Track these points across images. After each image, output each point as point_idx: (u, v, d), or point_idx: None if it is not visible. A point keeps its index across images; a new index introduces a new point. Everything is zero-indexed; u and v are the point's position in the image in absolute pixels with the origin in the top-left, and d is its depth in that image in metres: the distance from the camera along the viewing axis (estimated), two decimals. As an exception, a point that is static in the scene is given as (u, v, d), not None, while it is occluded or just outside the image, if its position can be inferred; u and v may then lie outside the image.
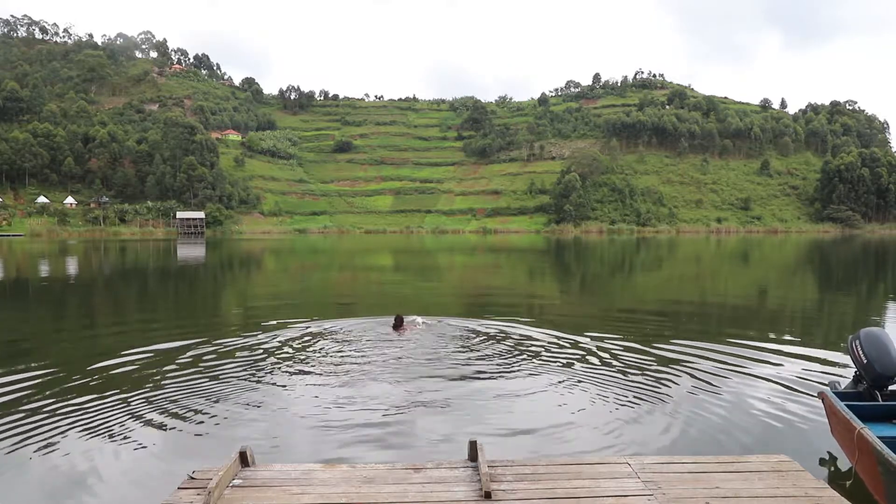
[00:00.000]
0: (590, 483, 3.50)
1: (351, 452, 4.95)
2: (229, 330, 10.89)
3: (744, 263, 34.17)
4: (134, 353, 8.81)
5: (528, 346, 9.06)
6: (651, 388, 6.85)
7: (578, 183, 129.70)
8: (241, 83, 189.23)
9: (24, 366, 8.12)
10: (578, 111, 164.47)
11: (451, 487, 3.44)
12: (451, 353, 8.56)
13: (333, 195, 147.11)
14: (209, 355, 8.67)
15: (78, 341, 9.65)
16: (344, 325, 10.84)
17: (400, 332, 10.02)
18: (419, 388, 6.76)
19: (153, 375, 7.54)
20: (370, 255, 43.65)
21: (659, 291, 19.34)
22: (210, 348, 9.19)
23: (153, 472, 4.66)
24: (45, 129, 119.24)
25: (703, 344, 9.22)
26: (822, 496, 3.34)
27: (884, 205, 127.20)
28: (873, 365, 4.63)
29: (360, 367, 7.81)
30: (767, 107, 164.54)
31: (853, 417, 4.15)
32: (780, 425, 5.71)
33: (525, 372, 7.50)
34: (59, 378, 7.54)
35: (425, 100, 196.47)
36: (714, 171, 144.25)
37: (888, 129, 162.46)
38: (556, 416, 5.90)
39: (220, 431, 5.51)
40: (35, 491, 4.41)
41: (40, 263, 33.30)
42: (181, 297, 18.68)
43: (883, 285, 21.76)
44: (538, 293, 17.63)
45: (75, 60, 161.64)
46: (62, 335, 10.17)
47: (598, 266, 32.32)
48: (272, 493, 3.39)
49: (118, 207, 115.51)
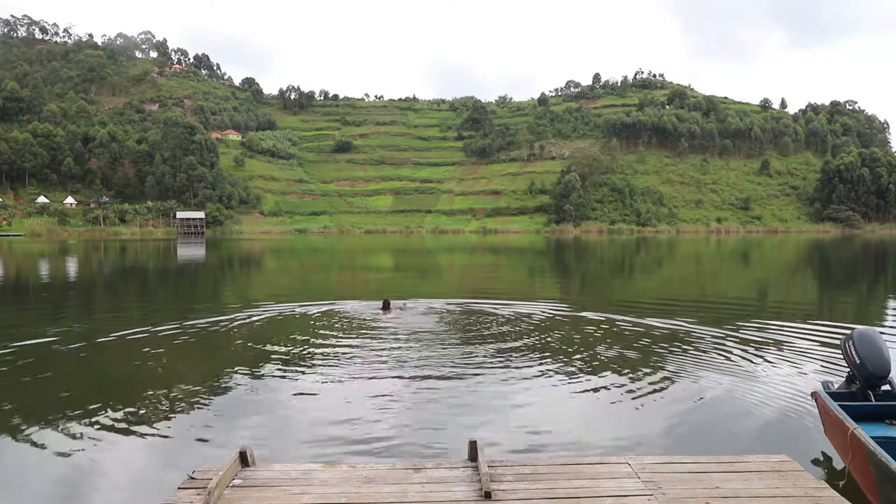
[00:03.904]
0: (590, 483, 3.50)
1: (351, 452, 4.95)
2: (229, 329, 10.87)
3: (743, 263, 34.17)
4: (134, 352, 8.81)
5: (528, 345, 9.05)
6: (651, 387, 6.85)
7: (578, 183, 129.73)
8: (241, 83, 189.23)
9: (24, 367, 8.12)
10: (578, 111, 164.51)
11: (451, 487, 3.44)
12: (450, 351, 8.55)
13: (333, 195, 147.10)
14: (209, 355, 8.67)
15: (78, 341, 9.65)
16: (341, 307, 12.63)
17: (385, 312, 11.93)
18: (419, 388, 6.76)
19: (153, 375, 7.54)
20: (370, 255, 43.65)
21: (659, 291, 19.34)
22: (210, 348, 9.19)
23: (153, 472, 4.67)
24: (45, 129, 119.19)
25: (703, 343, 9.22)
26: (822, 496, 3.34)
27: (884, 205, 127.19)
28: (866, 365, 4.65)
29: (360, 361, 7.92)
30: (767, 107, 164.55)
31: (846, 417, 4.15)
32: (780, 425, 5.71)
33: (525, 371, 7.49)
34: (59, 378, 7.54)
35: (425, 100, 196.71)
36: (714, 171, 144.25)
37: (888, 129, 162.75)
38: (556, 416, 5.91)
39: (220, 431, 5.51)
40: (35, 491, 4.41)
41: (40, 263, 33.29)
42: (181, 295, 18.67)
43: (882, 285, 21.77)
44: (538, 293, 17.62)
45: (75, 60, 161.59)
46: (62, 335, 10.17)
47: (598, 266, 32.31)
48: (272, 493, 3.39)
49: (118, 207, 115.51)
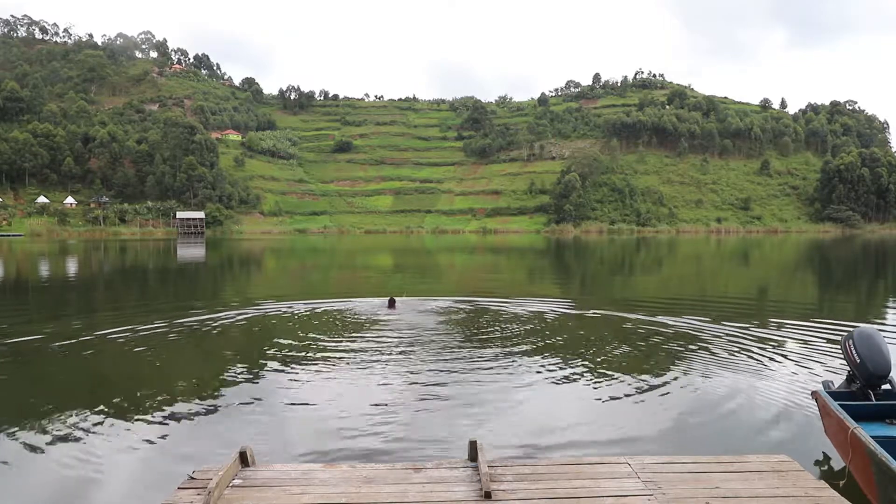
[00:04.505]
0: (590, 483, 3.50)
1: (351, 452, 4.95)
2: (230, 328, 10.87)
3: (743, 263, 34.16)
4: (134, 352, 8.81)
5: (528, 345, 9.04)
6: (651, 387, 6.85)
7: (578, 183, 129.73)
8: (241, 83, 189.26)
9: (24, 366, 8.12)
10: (578, 111, 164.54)
11: (451, 487, 3.44)
12: (451, 351, 8.55)
13: (333, 195, 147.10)
14: (209, 354, 8.67)
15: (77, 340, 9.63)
16: (344, 305, 12.91)
17: (391, 310, 12.34)
18: (419, 388, 6.75)
19: (153, 374, 7.54)
20: (370, 255, 43.64)
21: (658, 291, 19.34)
22: (210, 346, 9.18)
23: (153, 472, 4.66)
24: (45, 129, 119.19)
25: (703, 343, 9.22)
26: (822, 496, 3.34)
27: (884, 205, 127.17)
28: (866, 364, 4.65)
29: (362, 360, 7.96)
30: (767, 107, 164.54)
31: (846, 417, 4.15)
32: (781, 425, 5.70)
33: (524, 371, 7.49)
34: (57, 377, 7.54)
35: (425, 100, 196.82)
36: (714, 171, 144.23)
37: (888, 129, 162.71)
38: (556, 416, 5.91)
39: (220, 431, 5.51)
40: (35, 491, 4.41)
41: (40, 263, 33.29)
42: (180, 294, 18.66)
43: (882, 285, 21.77)
44: (538, 292, 17.61)
45: (75, 60, 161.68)
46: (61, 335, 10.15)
47: (598, 266, 32.30)
48: (272, 493, 3.39)
49: (118, 207, 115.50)
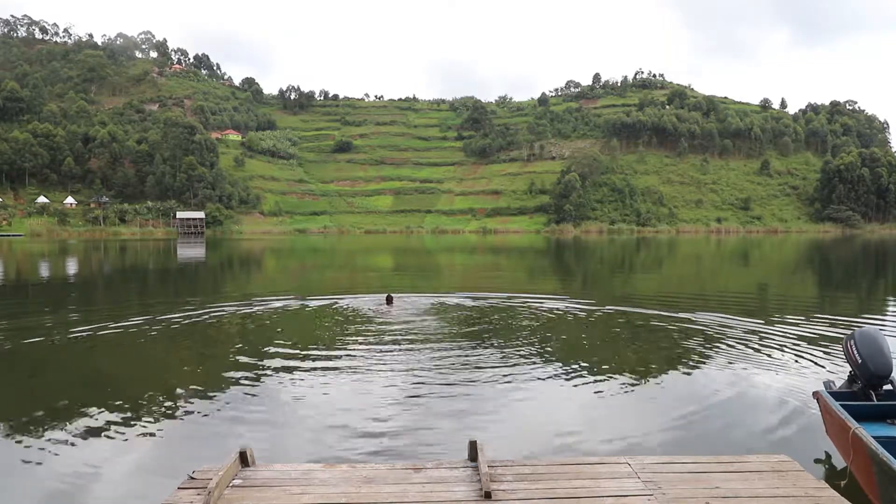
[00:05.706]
0: (590, 483, 3.50)
1: (351, 452, 4.95)
2: (230, 327, 10.87)
3: (744, 263, 34.15)
4: (134, 351, 8.81)
5: (528, 344, 9.04)
6: (651, 387, 6.86)
7: (578, 183, 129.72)
8: (241, 83, 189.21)
9: (23, 366, 8.12)
10: (578, 111, 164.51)
11: (451, 487, 3.43)
12: (451, 350, 8.54)
13: (333, 195, 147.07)
14: (209, 353, 8.66)
15: (77, 340, 9.63)
16: (343, 303, 13.45)
17: (389, 307, 12.66)
18: (420, 387, 6.75)
19: (153, 374, 7.54)
20: (370, 255, 43.63)
21: (658, 290, 19.33)
22: (210, 345, 9.18)
23: (153, 472, 4.67)
24: (45, 129, 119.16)
25: (703, 343, 9.22)
26: (822, 496, 3.34)
27: (884, 205, 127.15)
28: (868, 365, 4.64)
29: (362, 359, 7.98)
30: (767, 107, 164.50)
31: (848, 417, 4.15)
32: (781, 425, 5.70)
33: (524, 371, 7.49)
34: (57, 376, 7.54)
35: (425, 100, 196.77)
36: (714, 171, 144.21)
37: (888, 129, 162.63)
38: (556, 416, 5.91)
39: (220, 431, 5.51)
40: (35, 491, 4.41)
41: (40, 263, 33.29)
42: (180, 293, 18.65)
43: (883, 284, 21.76)
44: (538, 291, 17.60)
45: (75, 60, 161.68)
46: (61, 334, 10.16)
47: (598, 265, 32.29)
48: (272, 493, 3.39)
49: (118, 207, 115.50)
